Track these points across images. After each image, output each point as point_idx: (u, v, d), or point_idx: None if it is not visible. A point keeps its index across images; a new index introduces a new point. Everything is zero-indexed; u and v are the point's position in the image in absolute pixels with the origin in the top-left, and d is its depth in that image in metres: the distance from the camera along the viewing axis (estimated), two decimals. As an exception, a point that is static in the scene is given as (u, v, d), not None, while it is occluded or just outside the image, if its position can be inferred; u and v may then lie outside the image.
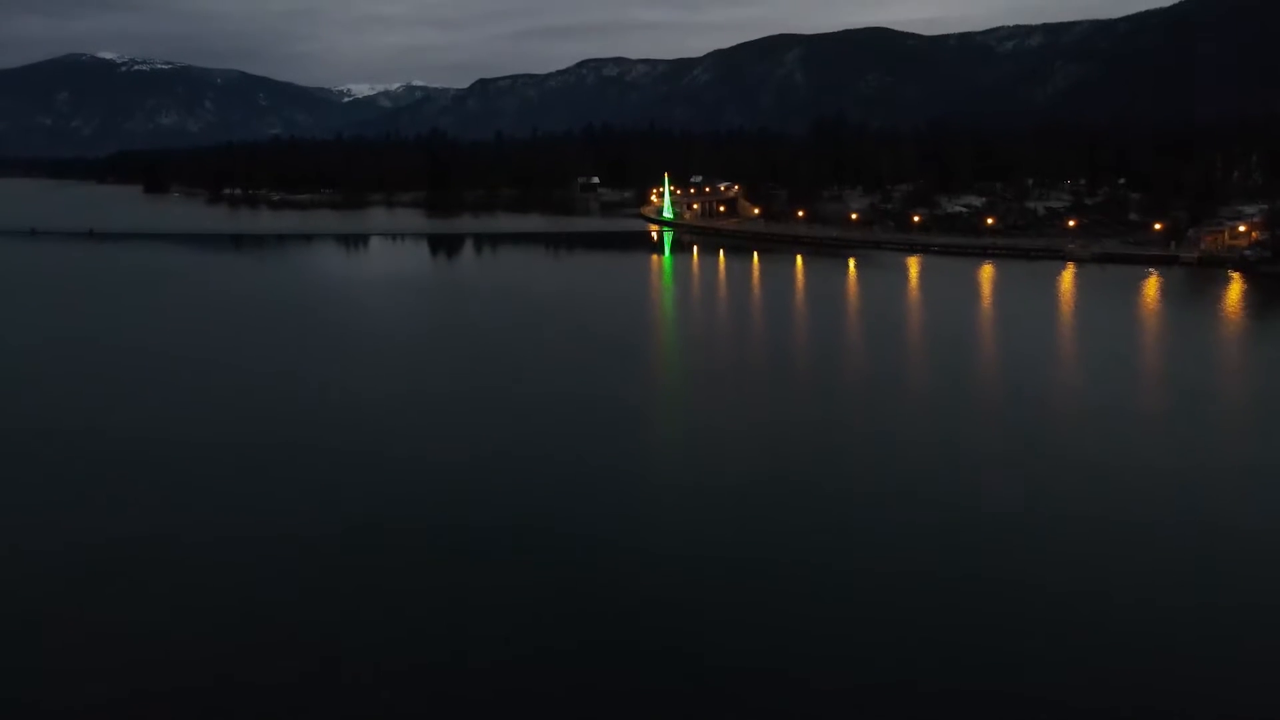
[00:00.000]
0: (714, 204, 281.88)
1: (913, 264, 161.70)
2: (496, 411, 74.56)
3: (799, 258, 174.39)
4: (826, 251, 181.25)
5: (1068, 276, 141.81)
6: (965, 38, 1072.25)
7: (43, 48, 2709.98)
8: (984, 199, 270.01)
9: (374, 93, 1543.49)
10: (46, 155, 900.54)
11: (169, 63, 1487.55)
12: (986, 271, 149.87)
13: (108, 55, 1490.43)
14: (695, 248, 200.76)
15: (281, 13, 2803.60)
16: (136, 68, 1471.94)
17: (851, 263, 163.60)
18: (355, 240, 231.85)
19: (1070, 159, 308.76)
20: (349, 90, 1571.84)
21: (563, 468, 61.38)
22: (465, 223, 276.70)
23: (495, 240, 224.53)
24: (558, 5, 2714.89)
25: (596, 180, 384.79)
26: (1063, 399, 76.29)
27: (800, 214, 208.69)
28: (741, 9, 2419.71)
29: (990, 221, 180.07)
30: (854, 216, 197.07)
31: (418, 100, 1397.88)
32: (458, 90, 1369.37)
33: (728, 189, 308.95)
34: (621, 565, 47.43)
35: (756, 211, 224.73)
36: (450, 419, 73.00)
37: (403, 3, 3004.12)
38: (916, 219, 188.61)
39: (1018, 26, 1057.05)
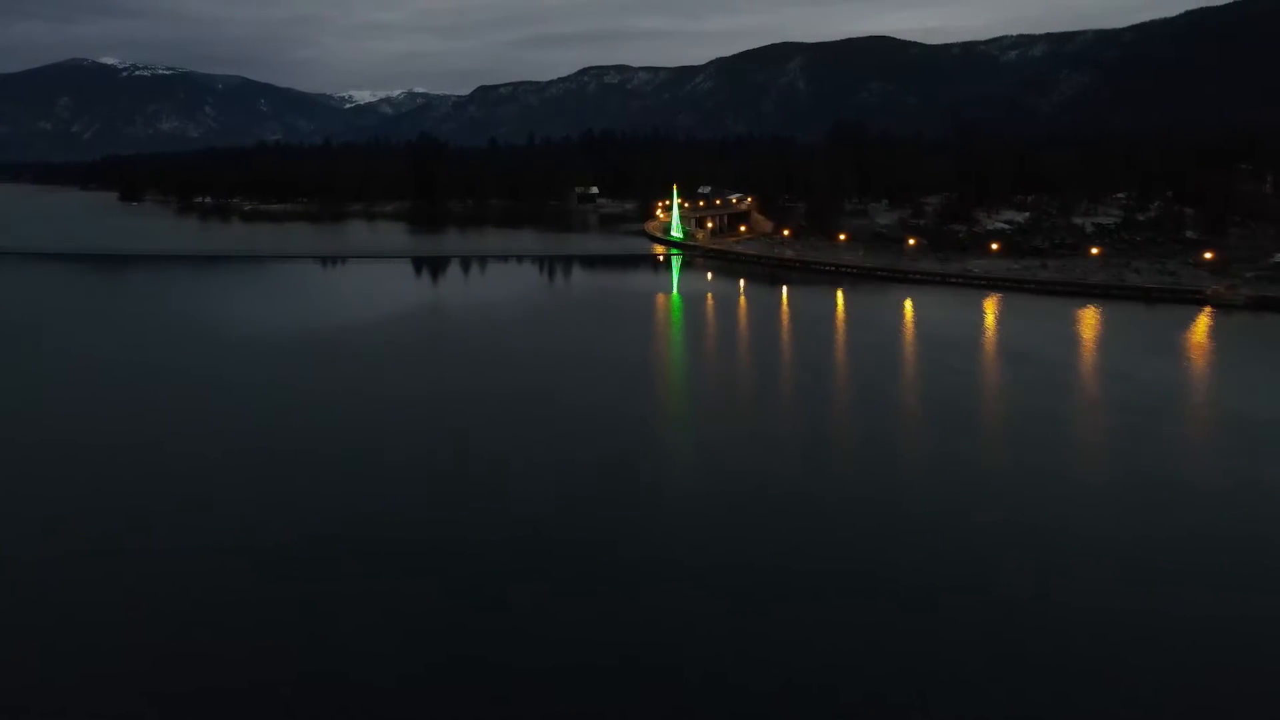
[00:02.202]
0: (725, 217, 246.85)
1: (990, 307, 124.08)
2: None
3: (839, 293, 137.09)
4: (873, 284, 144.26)
5: (1204, 327, 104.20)
6: (968, 47, 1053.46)
7: (44, 53, 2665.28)
8: (1026, 214, 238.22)
9: (375, 99, 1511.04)
10: (47, 160, 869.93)
11: (170, 68, 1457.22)
12: (1090, 319, 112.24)
13: (109, 61, 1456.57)
14: (710, 275, 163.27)
15: (284, 19, 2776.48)
16: (138, 73, 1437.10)
17: (909, 306, 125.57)
18: (312, 263, 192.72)
19: (1116, 170, 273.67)
20: (350, 96, 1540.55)
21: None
22: (447, 241, 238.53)
23: (480, 261, 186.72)
24: (558, 13, 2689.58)
25: (596, 190, 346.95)
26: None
27: (842, 236, 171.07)
28: (742, 17, 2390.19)
29: (1095, 252, 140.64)
30: (912, 242, 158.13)
31: (419, 107, 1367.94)
32: (459, 97, 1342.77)
33: (739, 201, 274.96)
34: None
35: (786, 233, 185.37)
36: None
37: (404, 10, 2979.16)
38: (995, 246, 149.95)
39: (1021, 36, 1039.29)
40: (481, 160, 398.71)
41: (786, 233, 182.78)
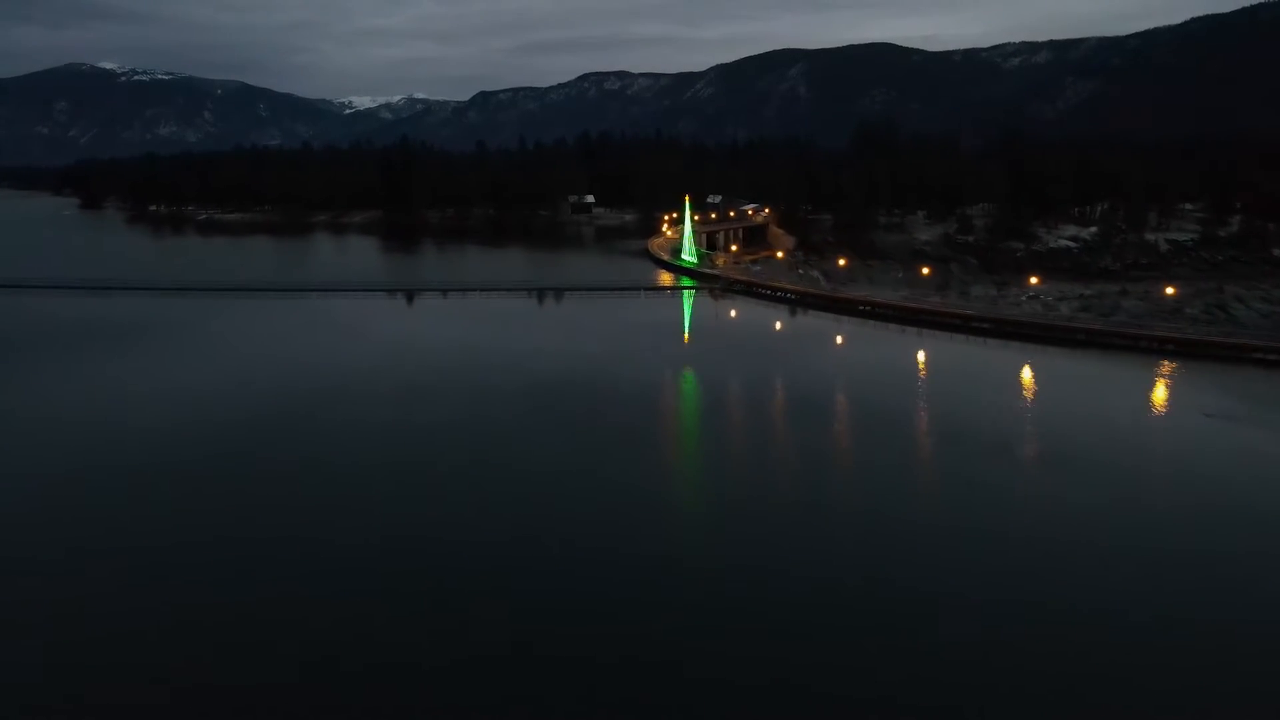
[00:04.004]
0: (740, 232, 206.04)
1: (1161, 386, 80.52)
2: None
3: (921, 358, 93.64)
4: (964, 335, 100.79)
5: None
6: (970, 54, 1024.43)
7: (42, 57, 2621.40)
8: (1092, 229, 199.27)
9: (375, 105, 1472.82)
10: (37, 165, 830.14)
11: (169, 73, 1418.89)
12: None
13: (108, 65, 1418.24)
14: (733, 314, 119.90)
15: (283, 25, 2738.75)
16: (136, 78, 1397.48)
17: (1027, 377, 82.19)
18: (211, 297, 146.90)
19: (1193, 178, 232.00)
20: (350, 102, 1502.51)
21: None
22: (407, 264, 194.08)
23: (437, 297, 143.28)
24: (558, 20, 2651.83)
25: (592, 199, 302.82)
26: None
27: (925, 271, 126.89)
28: (743, 24, 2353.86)
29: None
30: (1034, 280, 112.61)
31: (418, 112, 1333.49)
32: (458, 103, 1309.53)
33: (755, 213, 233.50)
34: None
35: (842, 262, 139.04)
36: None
37: (403, 15, 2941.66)
38: (1171, 289, 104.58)
39: (1023, 43, 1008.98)
40: (468, 166, 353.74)
41: (842, 262, 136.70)
